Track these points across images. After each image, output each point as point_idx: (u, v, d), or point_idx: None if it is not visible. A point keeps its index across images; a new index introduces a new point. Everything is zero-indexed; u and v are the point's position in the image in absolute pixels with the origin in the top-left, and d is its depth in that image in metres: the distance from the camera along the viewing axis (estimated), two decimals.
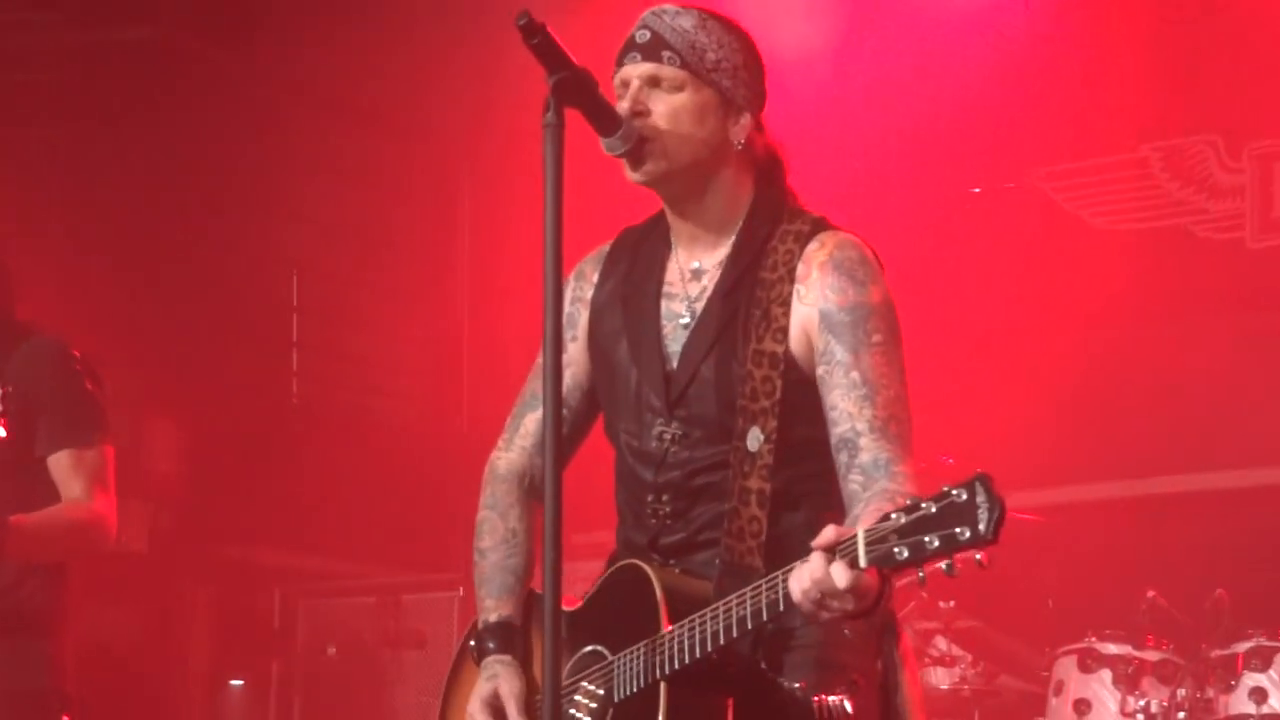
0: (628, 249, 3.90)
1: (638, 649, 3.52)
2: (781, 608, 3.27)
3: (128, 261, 7.79)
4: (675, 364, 3.72)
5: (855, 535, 3.13)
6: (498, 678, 3.76)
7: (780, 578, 3.26)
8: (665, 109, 3.67)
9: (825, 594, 3.16)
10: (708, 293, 3.74)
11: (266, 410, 8.50)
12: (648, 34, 3.70)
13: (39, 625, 5.23)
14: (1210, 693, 6.44)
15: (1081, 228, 8.07)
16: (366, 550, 8.45)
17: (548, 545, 3.23)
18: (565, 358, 3.78)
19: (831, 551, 3.15)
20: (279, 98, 8.13)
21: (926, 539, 3.05)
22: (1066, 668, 6.69)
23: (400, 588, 8.18)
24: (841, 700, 3.51)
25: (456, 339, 9.20)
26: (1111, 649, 6.61)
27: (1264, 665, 6.37)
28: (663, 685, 3.46)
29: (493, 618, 3.82)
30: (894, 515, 3.09)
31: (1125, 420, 7.55)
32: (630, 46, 3.72)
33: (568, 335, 3.84)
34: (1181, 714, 6.44)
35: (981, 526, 3.00)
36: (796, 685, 3.52)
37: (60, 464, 5.21)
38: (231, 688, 8.35)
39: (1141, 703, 6.49)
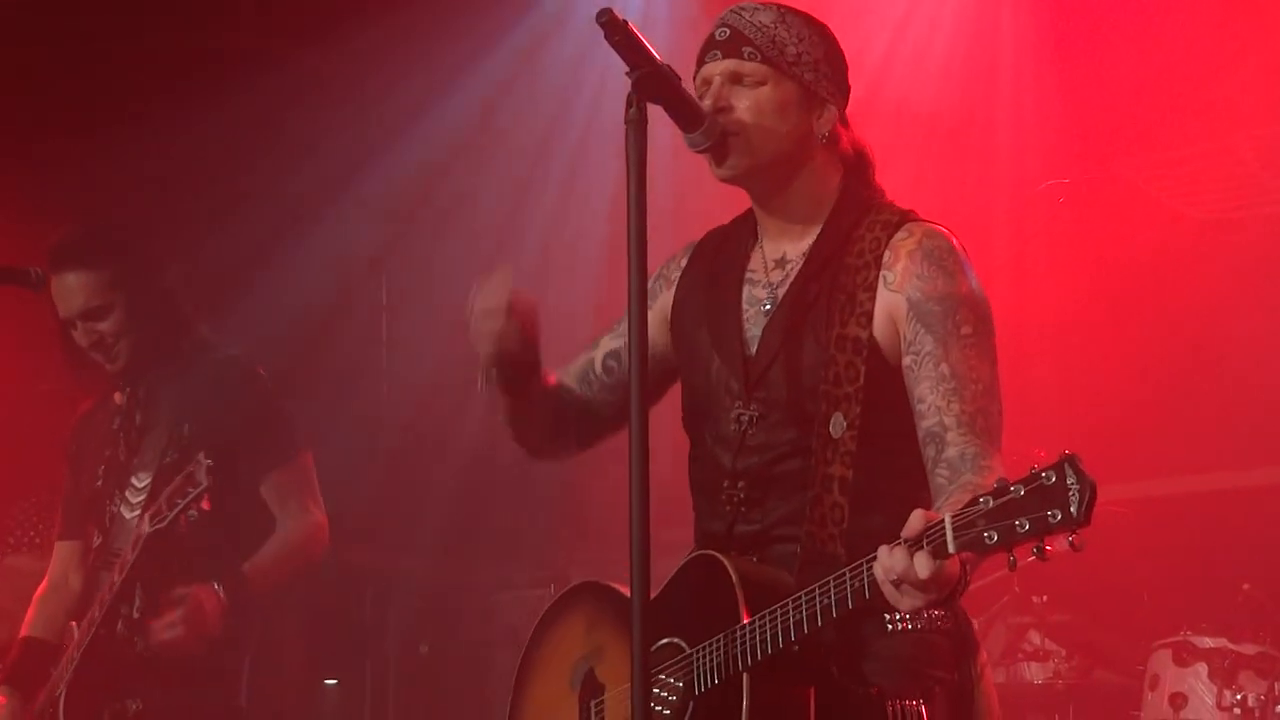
0: (713, 243, 3.95)
1: (717, 641, 3.49)
2: (867, 595, 3.23)
3: (211, 264, 7.84)
4: (755, 348, 3.72)
5: (943, 521, 3.10)
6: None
7: (865, 565, 3.23)
8: (748, 104, 3.69)
9: (909, 583, 3.13)
10: (791, 278, 3.75)
11: (356, 407, 8.54)
12: (727, 31, 3.73)
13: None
14: None
15: (1174, 216, 7.99)
16: (459, 548, 8.47)
17: (635, 536, 3.19)
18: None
19: (919, 539, 3.11)
20: (365, 100, 8.17)
21: (1016, 523, 3.00)
22: (1162, 661, 6.62)
23: (493, 585, 8.20)
24: (918, 704, 3.48)
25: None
26: (1207, 642, 6.53)
27: None
28: (745, 677, 3.44)
29: None
30: (981, 500, 3.05)
31: (1221, 411, 7.47)
32: (710, 44, 3.75)
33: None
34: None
35: (1073, 509, 2.95)
36: (872, 689, 3.49)
37: (270, 487, 5.36)
38: (326, 687, 8.40)
39: (1239, 696, 6.41)
